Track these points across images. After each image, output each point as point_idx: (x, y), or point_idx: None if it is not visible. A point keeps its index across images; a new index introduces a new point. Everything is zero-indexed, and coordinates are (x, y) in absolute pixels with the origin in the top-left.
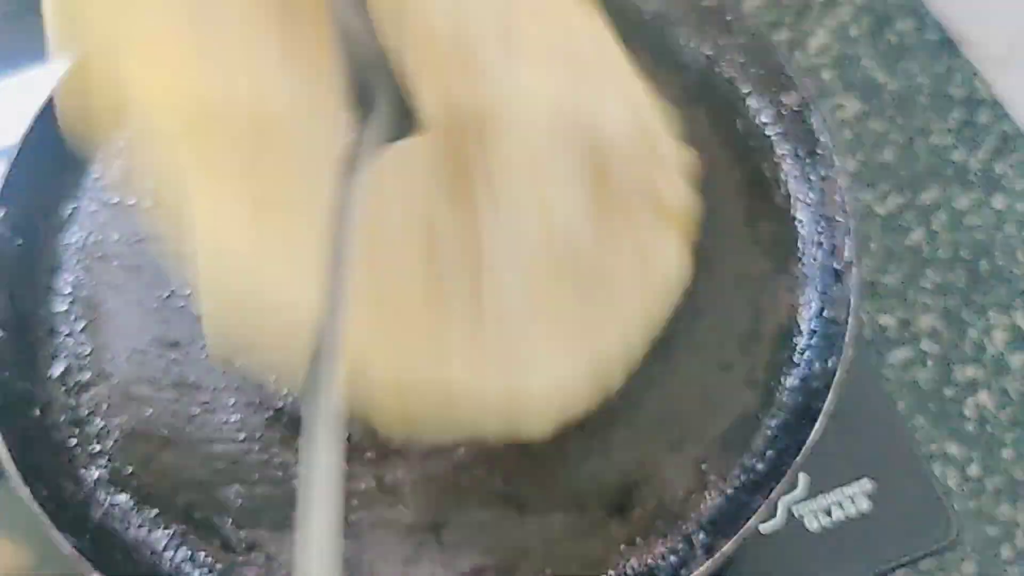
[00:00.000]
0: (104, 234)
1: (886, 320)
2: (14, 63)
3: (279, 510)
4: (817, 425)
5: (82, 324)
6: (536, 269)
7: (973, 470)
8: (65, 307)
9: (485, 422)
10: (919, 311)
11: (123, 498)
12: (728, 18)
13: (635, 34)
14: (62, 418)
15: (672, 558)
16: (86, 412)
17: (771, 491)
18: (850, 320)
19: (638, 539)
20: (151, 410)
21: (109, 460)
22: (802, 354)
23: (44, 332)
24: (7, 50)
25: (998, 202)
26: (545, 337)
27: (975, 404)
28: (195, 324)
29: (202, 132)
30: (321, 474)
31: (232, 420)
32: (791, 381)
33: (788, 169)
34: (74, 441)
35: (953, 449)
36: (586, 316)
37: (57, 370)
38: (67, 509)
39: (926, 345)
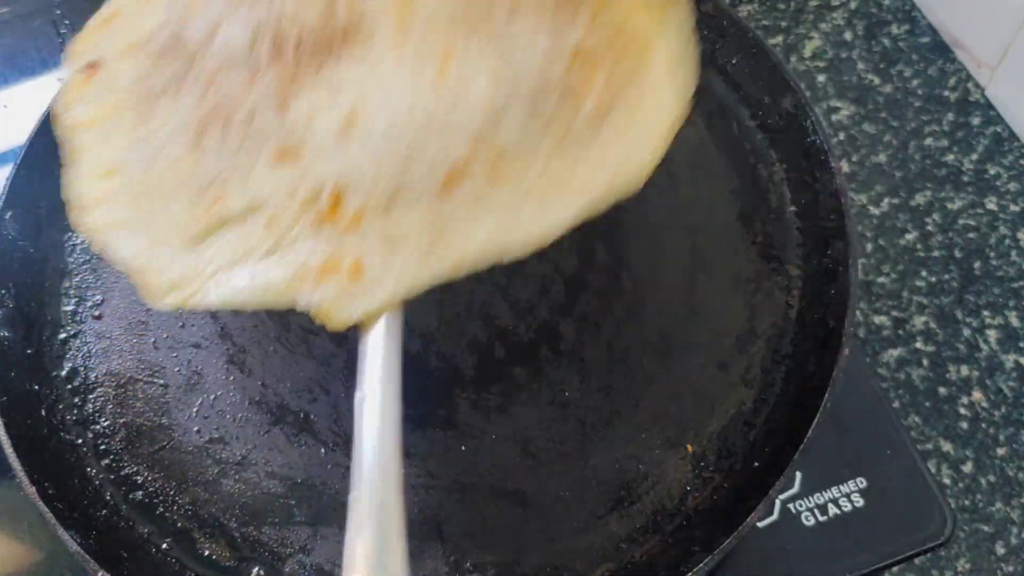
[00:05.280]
0: None
1: (880, 320)
2: (21, 67)
3: (283, 508)
4: (813, 423)
5: (88, 325)
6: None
7: (967, 468)
8: (71, 308)
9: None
10: (913, 311)
11: (128, 496)
12: (724, 23)
13: None
14: (68, 418)
15: (672, 553)
16: (92, 411)
17: (769, 488)
18: (845, 320)
19: (638, 535)
20: (158, 409)
21: (115, 459)
22: (798, 353)
23: (50, 333)
24: (14, 55)
25: (991, 203)
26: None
27: (969, 403)
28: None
29: None
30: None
31: (238, 417)
32: (787, 380)
33: (783, 171)
34: (80, 441)
35: (947, 447)
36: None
37: (63, 370)
38: (73, 508)
39: (920, 344)
